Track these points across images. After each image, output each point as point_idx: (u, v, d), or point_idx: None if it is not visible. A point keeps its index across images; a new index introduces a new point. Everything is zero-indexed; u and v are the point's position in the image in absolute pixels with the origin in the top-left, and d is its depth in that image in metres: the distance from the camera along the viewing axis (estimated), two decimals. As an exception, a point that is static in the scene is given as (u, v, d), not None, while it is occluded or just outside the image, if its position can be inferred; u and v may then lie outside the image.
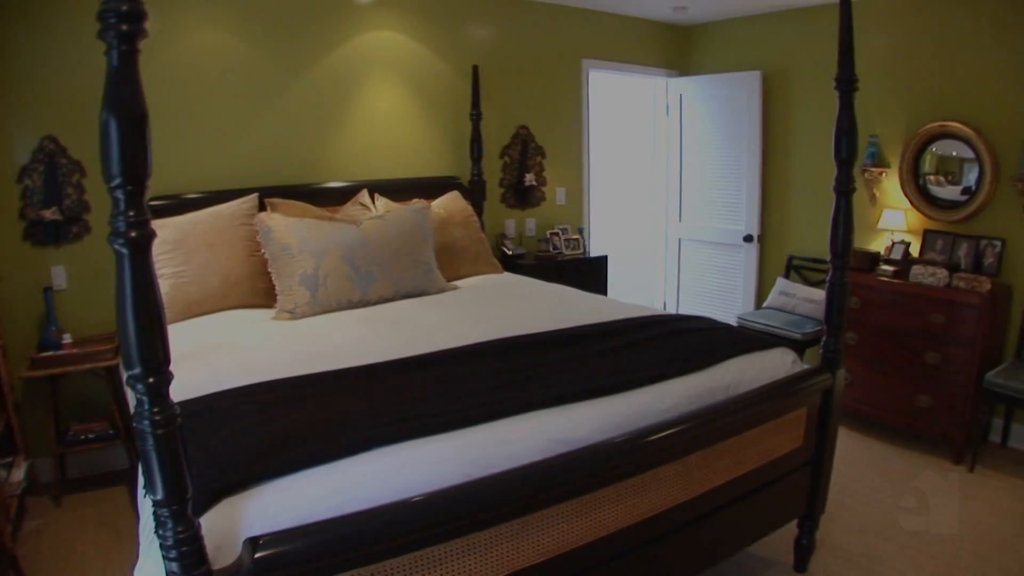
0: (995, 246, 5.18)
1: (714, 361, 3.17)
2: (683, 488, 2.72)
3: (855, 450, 5.15)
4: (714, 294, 7.24)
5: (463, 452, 2.27)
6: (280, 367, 2.95)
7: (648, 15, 6.82)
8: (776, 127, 6.66)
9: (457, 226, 5.15)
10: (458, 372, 2.91)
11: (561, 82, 6.44)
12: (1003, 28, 5.12)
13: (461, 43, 5.73)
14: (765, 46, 6.67)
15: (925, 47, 5.56)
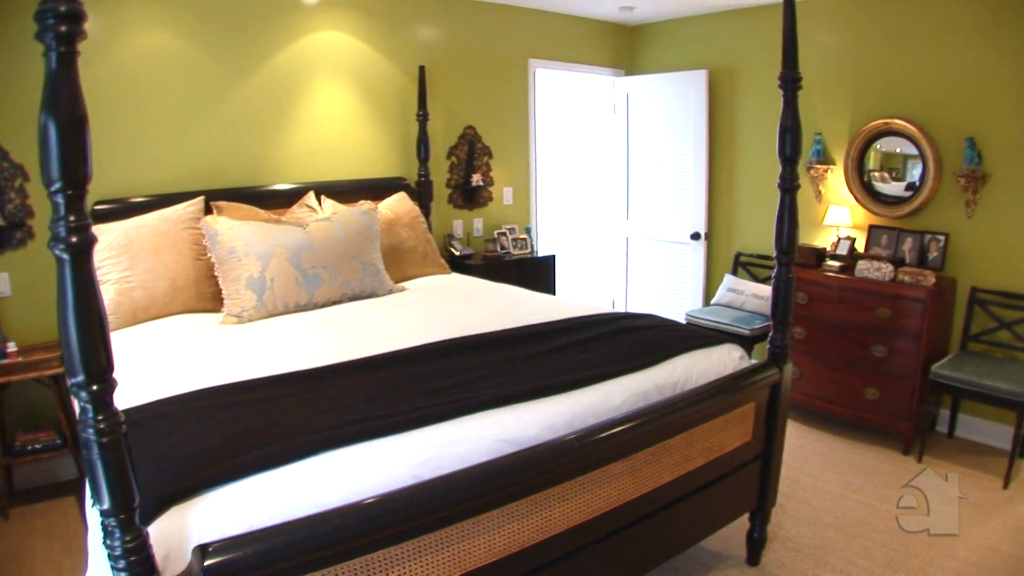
0: (939, 240, 5.31)
1: (662, 358, 3.22)
2: (633, 485, 2.75)
3: (805, 443, 5.25)
4: (663, 292, 7.33)
5: (412, 454, 2.28)
6: (228, 372, 2.94)
7: (595, 15, 6.88)
8: (722, 125, 6.77)
9: (404, 227, 5.16)
10: (406, 373, 2.92)
11: (508, 82, 6.47)
12: (945, 28, 5.26)
13: (408, 44, 5.74)
14: (711, 45, 6.77)
15: (869, 46, 5.69)
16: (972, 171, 5.11)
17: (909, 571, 3.67)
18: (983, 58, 5.12)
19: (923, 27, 5.37)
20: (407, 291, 4.71)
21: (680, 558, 3.63)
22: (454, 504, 2.16)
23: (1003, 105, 5.07)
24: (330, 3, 5.30)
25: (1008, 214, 5.11)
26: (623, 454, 2.66)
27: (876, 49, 5.65)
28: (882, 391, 5.13)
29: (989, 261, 5.22)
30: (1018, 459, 4.91)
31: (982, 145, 5.13)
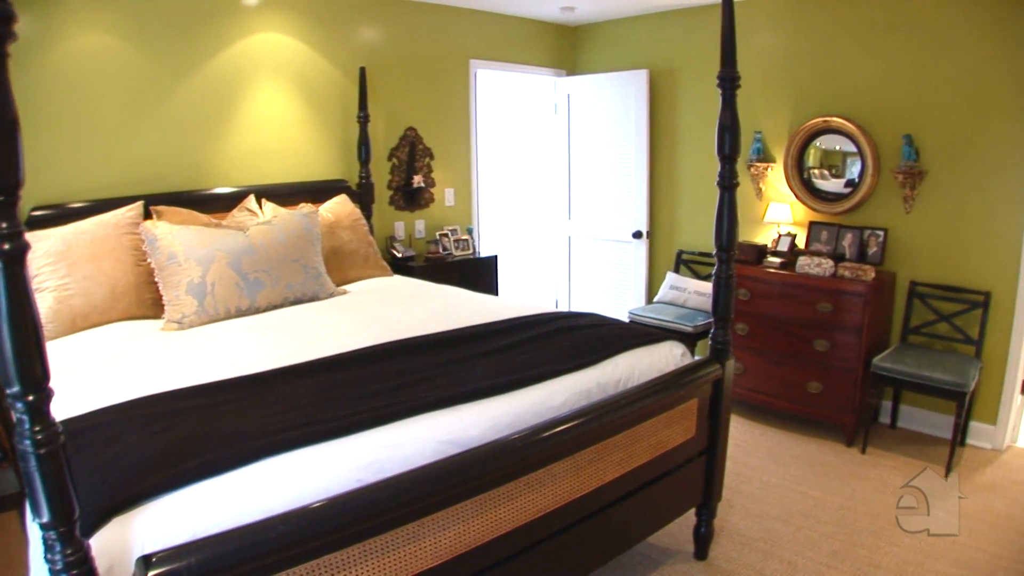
0: (878, 236, 5.45)
1: (604, 356, 3.27)
2: (578, 483, 2.79)
3: (750, 438, 5.37)
4: (606, 290, 7.40)
5: (355, 457, 2.29)
6: (169, 379, 2.91)
7: (536, 15, 6.93)
8: (663, 125, 6.86)
9: (345, 230, 5.16)
10: (348, 377, 2.92)
11: (449, 83, 6.49)
12: (882, 28, 5.42)
13: (349, 45, 5.73)
14: (652, 45, 6.85)
15: (808, 46, 5.82)
16: (910, 168, 5.25)
17: (855, 560, 3.78)
18: (919, 57, 5.27)
19: (861, 27, 5.52)
20: (349, 294, 4.70)
21: (628, 554, 3.70)
22: (398, 507, 2.17)
23: (939, 103, 5.22)
24: (270, 4, 5.27)
25: (945, 209, 5.27)
26: (567, 453, 2.70)
27: (815, 49, 5.79)
28: (825, 384, 5.25)
29: (927, 255, 5.37)
30: (959, 447, 5.09)
31: (919, 142, 5.27)
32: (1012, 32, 4.88)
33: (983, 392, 5.24)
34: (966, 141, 5.14)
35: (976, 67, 5.05)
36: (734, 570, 3.69)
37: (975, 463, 4.97)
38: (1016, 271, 5.03)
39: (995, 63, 4.98)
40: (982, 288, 5.16)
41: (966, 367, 4.89)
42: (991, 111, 5.03)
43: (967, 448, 5.22)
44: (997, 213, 5.08)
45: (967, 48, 5.07)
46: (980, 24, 5.00)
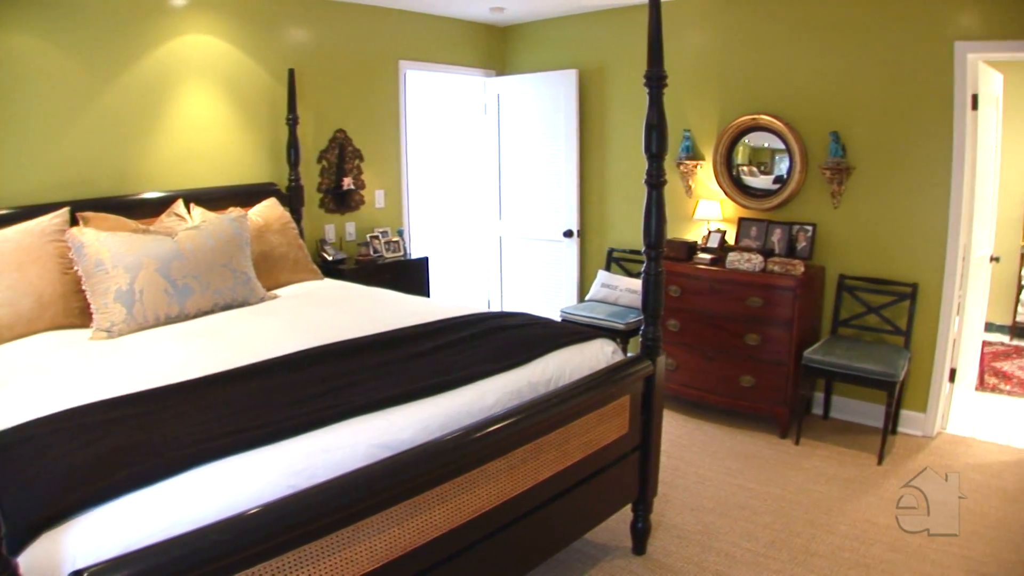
0: (807, 231, 5.60)
1: (535, 356, 3.32)
2: (512, 483, 2.83)
3: (684, 433, 5.48)
4: (538, 290, 7.46)
5: (287, 463, 2.29)
6: (98, 389, 2.87)
7: (466, 16, 6.97)
8: (593, 124, 6.96)
9: (275, 233, 5.15)
10: (279, 382, 2.92)
11: (378, 84, 6.50)
12: (808, 27, 5.59)
13: (277, 46, 5.71)
14: (581, 45, 6.95)
15: (737, 45, 5.97)
16: (837, 164, 5.42)
17: (792, 549, 3.89)
18: (844, 55, 5.45)
19: (788, 26, 5.68)
20: (279, 298, 4.69)
21: (567, 552, 3.74)
22: (331, 512, 2.18)
23: (864, 100, 5.40)
24: (198, 5, 5.22)
25: (871, 204, 5.45)
26: (500, 453, 2.74)
27: (743, 47, 5.93)
28: (757, 378, 5.39)
29: (855, 249, 5.55)
30: (890, 436, 5.26)
31: (846, 138, 5.44)
32: (933, 30, 5.07)
33: (913, 381, 5.41)
34: (891, 137, 5.32)
35: (899, 65, 5.24)
36: (672, 564, 3.76)
37: (907, 450, 5.15)
38: (942, 263, 5.22)
39: (917, 61, 5.17)
40: (909, 280, 5.33)
41: (895, 357, 5.05)
42: (914, 107, 5.22)
43: (899, 436, 5.39)
44: (922, 206, 5.25)
45: (890, 46, 5.25)
46: (903, 23, 5.18)
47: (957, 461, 5.00)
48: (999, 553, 3.87)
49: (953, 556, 3.83)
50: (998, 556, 3.84)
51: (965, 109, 5.06)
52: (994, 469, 4.88)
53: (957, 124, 5.08)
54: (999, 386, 6.68)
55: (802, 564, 3.77)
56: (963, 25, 4.98)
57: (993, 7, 4.87)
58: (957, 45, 5.00)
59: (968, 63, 4.99)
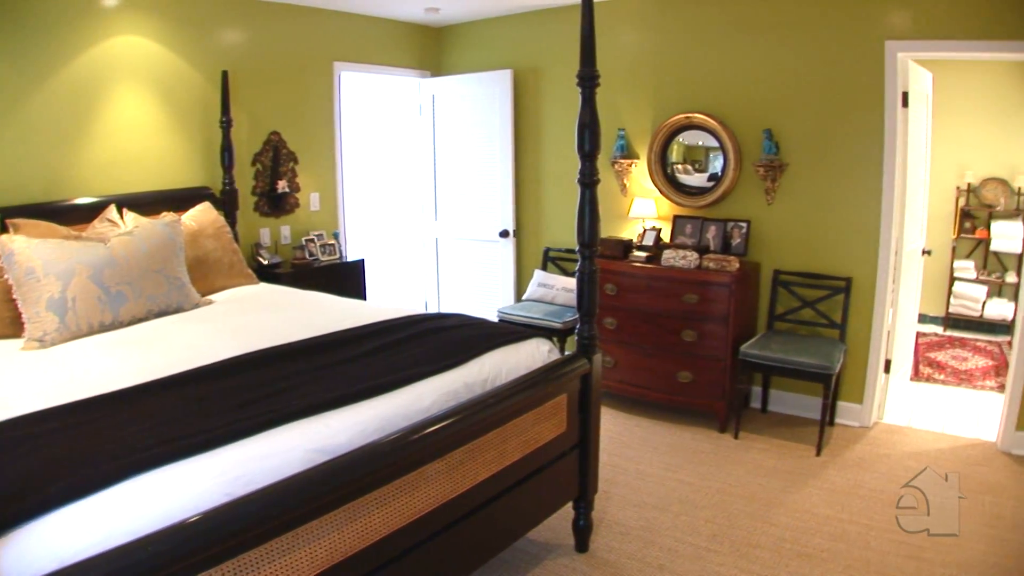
0: (741, 227, 5.72)
1: (471, 356, 3.36)
2: (452, 484, 2.86)
3: (624, 429, 5.55)
4: (475, 290, 7.50)
5: (224, 471, 2.27)
6: (30, 400, 2.83)
7: (401, 16, 6.98)
8: (528, 124, 7.02)
9: (209, 238, 5.11)
10: (215, 388, 2.91)
11: (313, 86, 6.48)
12: (740, 26, 5.71)
13: (210, 48, 5.66)
14: (516, 45, 7.00)
15: (670, 44, 6.06)
16: (770, 161, 5.54)
17: (734, 542, 3.98)
18: (778, 54, 5.58)
19: (720, 25, 5.79)
20: (214, 304, 4.66)
21: (510, 551, 3.78)
22: (269, 519, 2.17)
23: (798, 98, 5.54)
24: (129, 5, 5.15)
25: (804, 200, 5.59)
26: (437, 454, 2.76)
27: (677, 47, 6.03)
28: (695, 374, 5.48)
29: (789, 244, 5.67)
30: (828, 427, 5.39)
31: (779, 136, 5.57)
32: (865, 30, 5.22)
33: (848, 373, 5.56)
34: (824, 134, 5.46)
35: (831, 63, 5.38)
36: (615, 560, 3.82)
37: (844, 441, 5.29)
38: (875, 257, 5.37)
39: (849, 59, 5.31)
40: (843, 274, 5.48)
41: (831, 350, 5.18)
42: (846, 105, 5.36)
43: (836, 427, 5.54)
44: (855, 202, 5.40)
45: (823, 45, 5.40)
46: (835, 22, 5.33)
47: (894, 450, 5.16)
48: (936, 538, 4.00)
49: (892, 543, 3.95)
50: (936, 541, 3.97)
51: (896, 106, 5.21)
52: (930, 456, 5.04)
53: (888, 121, 5.22)
54: (933, 376, 6.87)
55: (744, 556, 3.85)
56: (893, 25, 5.13)
57: (922, 7, 5.03)
58: (888, 44, 5.15)
59: (898, 62, 5.15)
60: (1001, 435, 5.19)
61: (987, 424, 5.60)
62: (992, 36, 4.83)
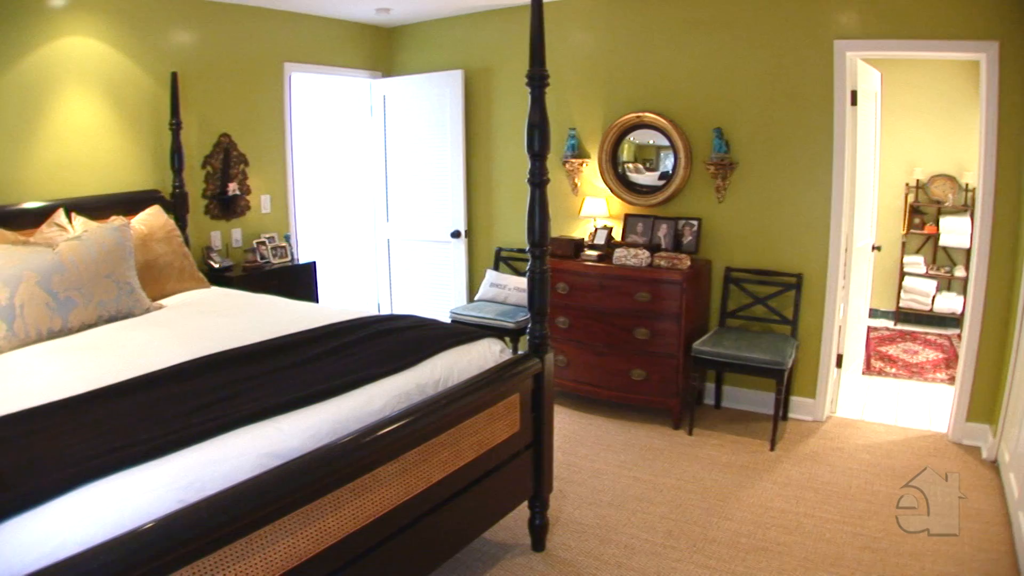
0: (692, 225, 5.79)
1: (422, 358, 3.38)
2: (406, 486, 2.88)
3: (578, 428, 5.60)
4: (427, 291, 7.52)
5: (175, 477, 2.26)
6: None
7: (351, 16, 6.98)
8: (479, 124, 7.05)
9: (159, 242, 5.08)
10: (166, 394, 2.89)
11: (263, 87, 6.46)
12: (690, 26, 5.79)
13: (160, 49, 5.61)
14: (467, 46, 7.02)
15: (621, 44, 6.12)
16: (721, 159, 5.63)
17: (691, 537, 4.04)
18: (728, 53, 5.67)
19: (671, 25, 5.86)
20: (165, 309, 4.63)
21: (466, 552, 3.82)
22: (222, 525, 2.16)
23: (748, 96, 5.63)
24: (77, 6, 5.08)
25: (755, 197, 5.68)
26: (391, 456, 2.78)
27: (628, 46, 6.08)
28: (648, 371, 5.54)
29: (740, 242, 5.77)
30: (781, 422, 5.49)
31: (729, 134, 5.66)
32: (814, 29, 5.33)
33: (801, 368, 5.66)
34: (774, 132, 5.56)
35: (781, 62, 5.49)
36: (572, 558, 3.86)
37: (798, 435, 5.39)
38: (825, 253, 5.47)
39: (798, 58, 5.42)
40: (794, 271, 5.58)
41: (783, 346, 5.27)
42: (796, 103, 5.47)
43: (790, 422, 5.64)
44: (805, 199, 5.50)
45: (773, 44, 5.50)
46: (785, 22, 5.44)
47: (847, 443, 5.27)
48: (890, 528, 4.11)
49: (847, 534, 4.05)
50: (890, 531, 4.07)
51: (845, 105, 5.32)
52: (883, 449, 5.16)
53: (837, 119, 5.33)
54: (885, 369, 7.01)
55: (701, 551, 3.91)
56: (842, 24, 5.24)
57: (870, 7, 5.15)
58: (836, 44, 5.26)
59: (847, 61, 5.26)
60: (952, 426, 5.33)
61: (938, 416, 5.74)
62: (938, 36, 4.97)
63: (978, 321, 5.11)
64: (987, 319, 5.08)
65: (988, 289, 5.05)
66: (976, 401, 5.19)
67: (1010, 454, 4.44)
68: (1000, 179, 4.89)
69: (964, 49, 4.98)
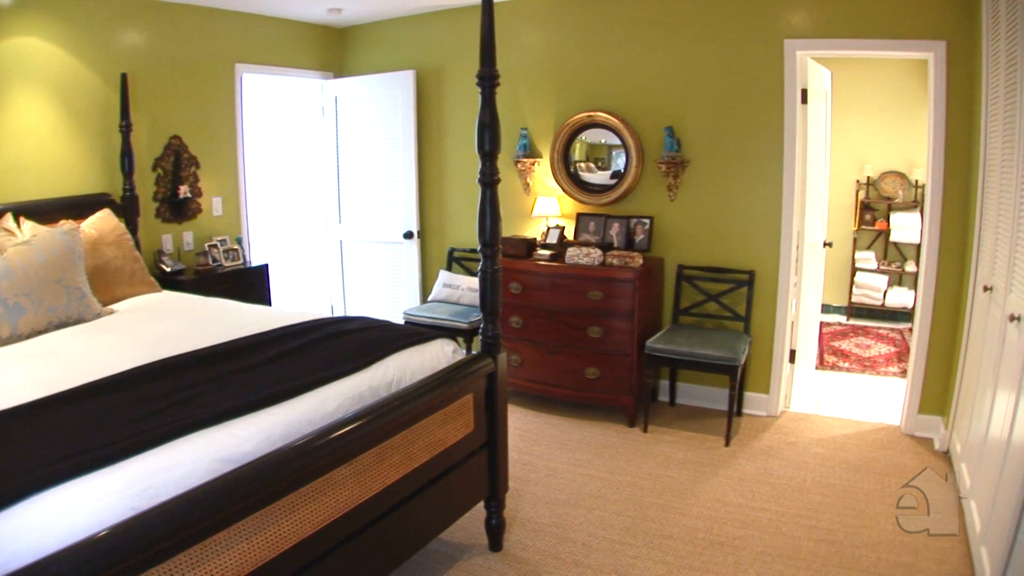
0: (645, 224, 5.86)
1: (375, 359, 3.39)
2: (360, 489, 2.89)
3: (533, 427, 5.64)
4: (381, 293, 7.52)
5: (128, 484, 2.23)
6: None
7: (303, 17, 6.97)
8: (431, 124, 7.06)
9: (110, 246, 5.04)
10: (117, 400, 2.86)
11: (214, 88, 6.42)
12: (642, 25, 5.86)
13: (109, 50, 5.55)
14: (419, 46, 7.03)
15: (573, 44, 6.17)
16: (672, 157, 5.70)
17: (647, 534, 4.10)
18: (679, 52, 5.75)
19: (624, 25, 5.92)
20: (116, 314, 4.59)
21: (423, 554, 3.84)
22: (176, 532, 2.14)
23: (699, 95, 5.71)
24: (24, 5, 5.01)
25: (706, 195, 5.77)
26: (345, 459, 2.79)
27: (580, 46, 6.14)
28: (602, 369, 5.60)
29: (692, 239, 5.85)
30: (736, 418, 5.59)
31: (681, 133, 5.74)
32: (764, 28, 5.43)
33: (754, 364, 5.76)
34: (725, 131, 5.65)
35: (732, 61, 5.58)
36: (529, 557, 3.89)
37: (753, 430, 5.48)
38: (777, 249, 5.58)
39: (749, 57, 5.52)
40: (746, 267, 5.67)
41: (736, 342, 5.36)
42: (747, 102, 5.57)
43: (744, 417, 5.74)
44: (756, 196, 5.60)
45: (724, 44, 5.60)
46: (736, 21, 5.53)
47: (802, 437, 5.37)
48: (846, 520, 4.20)
49: (803, 527, 4.13)
50: (845, 523, 4.17)
51: (795, 103, 5.42)
52: (837, 442, 5.27)
53: (788, 117, 5.44)
54: (838, 364, 7.13)
55: (658, 547, 3.97)
56: (792, 24, 5.35)
57: (820, 7, 5.26)
58: (787, 43, 5.37)
59: (797, 60, 5.37)
60: (905, 418, 5.46)
61: (891, 409, 5.89)
62: (887, 35, 5.09)
63: (929, 315, 5.24)
64: (937, 313, 5.21)
65: (938, 283, 5.18)
66: (928, 394, 5.33)
67: (961, 445, 4.55)
68: (948, 175, 5.01)
69: (912, 48, 5.11)
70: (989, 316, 4.07)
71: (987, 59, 4.35)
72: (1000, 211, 3.92)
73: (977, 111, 4.68)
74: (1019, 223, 3.43)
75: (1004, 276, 3.68)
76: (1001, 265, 3.79)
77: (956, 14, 4.88)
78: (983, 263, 4.40)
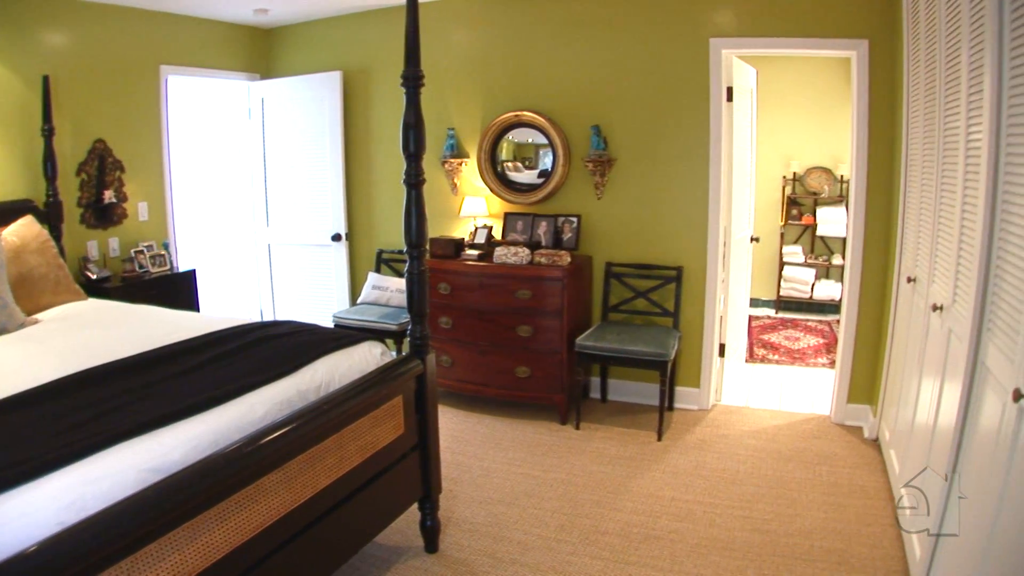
0: (572, 222, 5.94)
1: (302, 364, 3.39)
2: (292, 495, 2.90)
3: (466, 427, 5.68)
4: (310, 296, 7.50)
5: (54, 498, 2.19)
6: None
7: (229, 18, 6.92)
8: (359, 126, 7.07)
9: (33, 253, 4.93)
10: (41, 412, 2.80)
11: (139, 90, 6.33)
12: (569, 25, 5.94)
13: (30, 51, 5.43)
14: (346, 47, 7.03)
15: (499, 43, 6.23)
16: (599, 156, 5.79)
17: (583, 530, 4.16)
18: (605, 52, 5.84)
19: (550, 25, 6.00)
20: (40, 323, 4.50)
21: (359, 558, 3.86)
22: (105, 545, 2.12)
23: (625, 94, 5.82)
24: None
25: (633, 193, 5.88)
26: (274, 465, 2.79)
27: (506, 46, 6.21)
28: (533, 368, 5.67)
29: (620, 237, 5.96)
30: (668, 412, 5.70)
31: (607, 132, 5.83)
32: (690, 28, 5.55)
33: (684, 359, 5.87)
34: (651, 129, 5.77)
35: (658, 60, 5.69)
36: (466, 558, 3.93)
37: (684, 424, 5.59)
38: (704, 245, 5.71)
39: (675, 56, 5.63)
40: (674, 264, 5.79)
41: (665, 338, 5.47)
42: (673, 100, 5.69)
43: (676, 412, 5.85)
44: (683, 193, 5.73)
45: (650, 43, 5.71)
46: (661, 21, 5.65)
47: (733, 429, 5.50)
48: (779, 509, 4.33)
49: (737, 518, 4.24)
50: (778, 513, 4.29)
51: (721, 101, 5.55)
52: (768, 433, 5.41)
53: (714, 115, 5.57)
54: (767, 356, 7.29)
55: (594, 543, 4.04)
56: (717, 23, 5.48)
57: (744, 6, 5.40)
58: (712, 42, 5.50)
59: (723, 58, 5.50)
60: (834, 408, 5.65)
61: (821, 399, 6.06)
62: (811, 34, 5.25)
63: (855, 307, 5.42)
64: (864, 304, 5.39)
65: (864, 276, 5.36)
66: (856, 383, 5.51)
67: (890, 432, 4.70)
68: (872, 170, 5.18)
69: (836, 47, 5.28)
70: (913, 306, 4.21)
71: (908, 58, 4.50)
72: (922, 204, 4.06)
73: (899, 108, 4.84)
74: (940, 216, 3.55)
75: (926, 267, 3.81)
76: (924, 257, 3.92)
77: (878, 14, 5.05)
78: (906, 255, 4.55)
